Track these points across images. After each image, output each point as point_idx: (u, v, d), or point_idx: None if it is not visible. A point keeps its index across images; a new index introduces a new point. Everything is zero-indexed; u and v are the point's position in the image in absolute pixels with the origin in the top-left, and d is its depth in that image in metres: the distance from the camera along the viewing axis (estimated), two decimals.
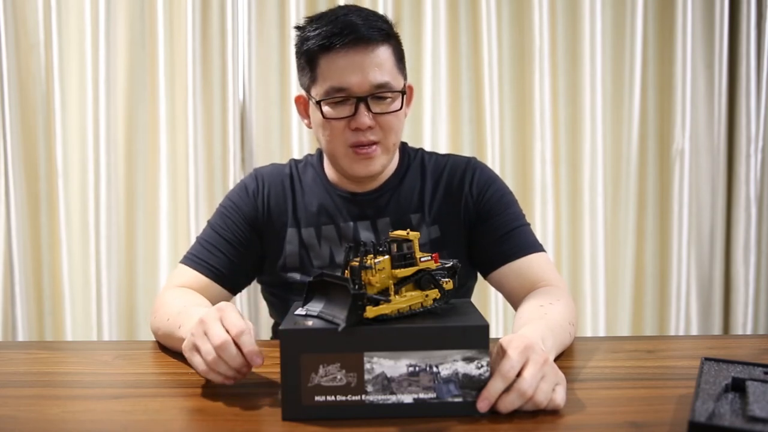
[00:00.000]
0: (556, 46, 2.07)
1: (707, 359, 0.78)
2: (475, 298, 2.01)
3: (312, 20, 1.05)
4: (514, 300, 1.08)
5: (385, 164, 1.09)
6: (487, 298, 2.05)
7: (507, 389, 0.66)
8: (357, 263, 0.67)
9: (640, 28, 2.06)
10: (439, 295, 0.72)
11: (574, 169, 2.09)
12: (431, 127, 2.03)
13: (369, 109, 1.02)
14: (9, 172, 1.90)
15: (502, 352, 0.67)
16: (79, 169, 1.96)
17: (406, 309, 0.69)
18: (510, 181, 2.08)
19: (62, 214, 1.94)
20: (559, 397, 0.68)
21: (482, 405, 0.65)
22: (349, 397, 0.65)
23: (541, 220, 2.05)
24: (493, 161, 2.03)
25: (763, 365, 0.75)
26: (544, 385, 0.67)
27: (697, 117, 2.09)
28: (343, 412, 0.66)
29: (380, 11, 1.95)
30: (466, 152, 2.05)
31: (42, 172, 1.96)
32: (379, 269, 0.67)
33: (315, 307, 0.72)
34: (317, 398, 0.65)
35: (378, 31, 1.02)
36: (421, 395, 0.65)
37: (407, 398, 0.65)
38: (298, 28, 1.07)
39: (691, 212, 2.08)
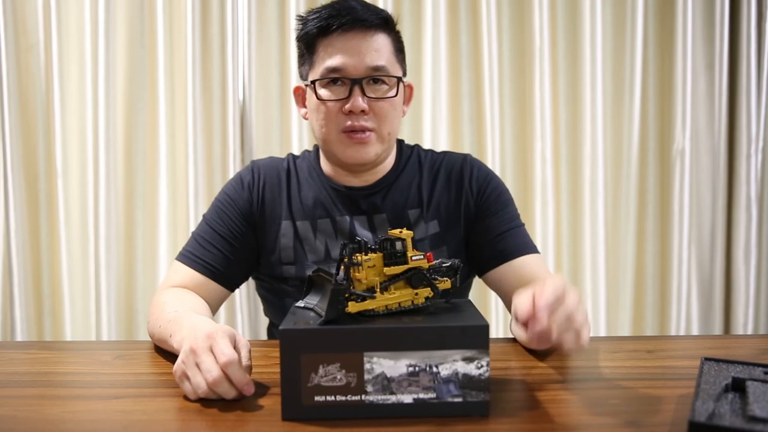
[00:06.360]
0: (556, 46, 2.07)
1: (707, 359, 0.78)
2: (475, 298, 2.03)
3: (313, 10, 1.06)
4: (509, 300, 1.07)
5: (379, 153, 1.08)
6: (487, 298, 2.04)
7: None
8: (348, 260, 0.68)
9: (640, 28, 2.06)
10: (432, 293, 0.72)
11: (574, 169, 2.09)
12: (431, 127, 2.03)
13: (364, 93, 1.02)
14: (9, 172, 1.90)
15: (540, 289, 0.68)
16: (79, 168, 1.96)
17: (394, 306, 0.70)
18: (510, 181, 2.08)
19: (61, 214, 1.94)
20: (584, 336, 0.72)
21: (537, 340, 0.67)
22: (348, 397, 0.65)
23: (541, 220, 2.05)
24: (493, 161, 2.03)
25: (763, 365, 0.75)
26: (578, 316, 0.70)
27: (697, 117, 2.09)
28: (343, 412, 0.65)
29: None
30: (466, 151, 2.05)
31: (41, 172, 1.96)
32: (369, 266, 0.68)
33: (312, 300, 0.75)
34: (317, 398, 0.65)
35: (377, 17, 1.03)
36: (421, 395, 0.65)
37: (407, 398, 0.65)
38: (299, 17, 1.08)
39: (691, 212, 2.08)
